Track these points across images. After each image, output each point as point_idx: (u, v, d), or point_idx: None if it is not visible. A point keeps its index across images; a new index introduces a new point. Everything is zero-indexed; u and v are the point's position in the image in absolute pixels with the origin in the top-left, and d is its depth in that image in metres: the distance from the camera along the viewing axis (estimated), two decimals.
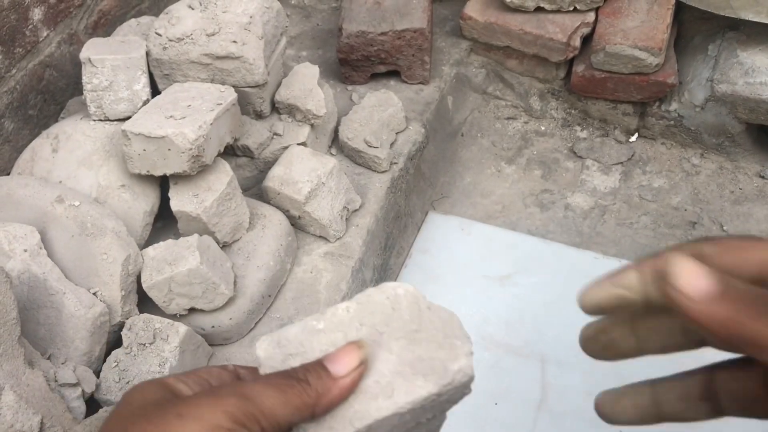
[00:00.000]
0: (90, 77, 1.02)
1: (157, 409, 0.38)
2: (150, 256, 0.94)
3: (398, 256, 1.29)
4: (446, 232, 1.34)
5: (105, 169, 1.01)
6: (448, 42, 1.50)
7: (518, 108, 1.53)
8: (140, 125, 0.93)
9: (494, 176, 1.44)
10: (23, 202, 0.95)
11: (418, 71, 1.38)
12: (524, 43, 1.42)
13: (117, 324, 0.92)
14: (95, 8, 1.26)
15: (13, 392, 0.71)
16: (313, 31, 1.57)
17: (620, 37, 1.32)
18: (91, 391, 0.84)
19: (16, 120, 1.14)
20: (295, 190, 1.07)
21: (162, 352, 0.88)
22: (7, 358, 0.73)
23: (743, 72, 1.29)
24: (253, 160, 1.16)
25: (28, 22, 1.12)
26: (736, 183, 1.39)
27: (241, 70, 1.07)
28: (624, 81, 1.37)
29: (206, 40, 1.05)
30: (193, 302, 0.94)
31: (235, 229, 1.03)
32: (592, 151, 1.46)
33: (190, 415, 0.36)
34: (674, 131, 1.43)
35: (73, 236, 0.92)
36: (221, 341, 1.00)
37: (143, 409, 0.38)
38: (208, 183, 0.99)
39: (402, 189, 1.26)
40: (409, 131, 1.29)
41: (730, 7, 1.25)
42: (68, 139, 1.03)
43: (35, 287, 0.86)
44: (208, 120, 0.94)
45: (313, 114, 1.16)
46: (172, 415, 0.37)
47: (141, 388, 0.40)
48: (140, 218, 1.00)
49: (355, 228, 1.14)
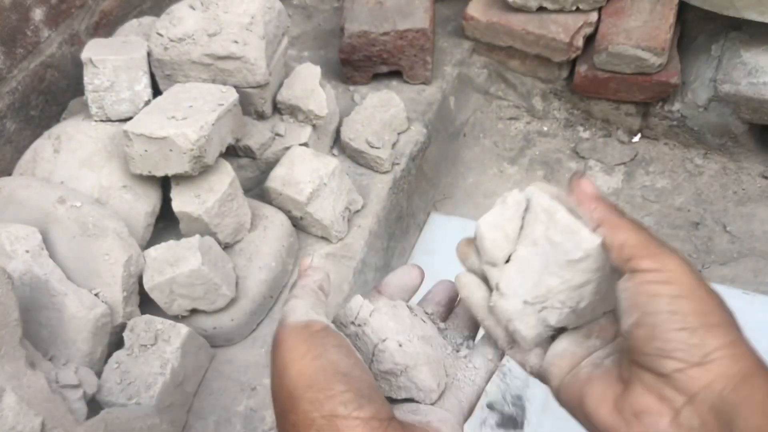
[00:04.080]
0: (91, 78, 1.02)
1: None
2: (152, 257, 0.93)
3: (400, 257, 1.29)
4: (448, 233, 1.33)
5: (107, 169, 1.00)
6: (451, 42, 1.50)
7: (520, 108, 1.53)
8: (142, 126, 0.93)
9: (497, 177, 1.44)
10: (25, 202, 0.95)
11: (420, 71, 1.38)
12: (527, 43, 1.41)
13: (118, 325, 0.92)
14: (96, 9, 1.26)
15: (15, 394, 0.71)
16: (315, 32, 1.57)
17: (623, 37, 1.32)
18: (92, 393, 0.84)
19: (17, 121, 1.14)
20: (297, 190, 1.07)
21: (164, 354, 0.88)
22: (9, 359, 0.73)
23: (746, 72, 1.28)
24: (255, 160, 1.16)
25: (29, 23, 1.12)
26: (739, 183, 1.39)
27: (243, 71, 1.06)
28: (627, 81, 1.37)
29: (207, 41, 1.04)
30: (195, 303, 0.94)
31: (236, 230, 1.03)
32: (595, 152, 1.45)
33: None
34: (677, 131, 1.42)
35: (74, 237, 0.92)
36: (223, 342, 1.00)
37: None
38: (210, 184, 0.98)
39: (404, 190, 1.26)
40: (411, 131, 1.29)
41: (734, 7, 1.25)
42: (70, 140, 1.03)
43: (37, 288, 0.86)
44: (209, 120, 0.94)
45: (314, 114, 1.15)
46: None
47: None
48: (142, 219, 1.00)
49: (357, 229, 1.14)
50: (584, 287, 0.46)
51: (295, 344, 0.43)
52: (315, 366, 0.41)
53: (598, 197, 0.45)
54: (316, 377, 0.41)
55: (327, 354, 0.42)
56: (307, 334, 0.43)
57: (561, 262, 0.46)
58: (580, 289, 0.46)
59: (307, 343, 0.43)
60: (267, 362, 0.98)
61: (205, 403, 0.94)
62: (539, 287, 0.47)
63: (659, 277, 0.40)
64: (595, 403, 0.43)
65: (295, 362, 0.42)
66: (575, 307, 0.47)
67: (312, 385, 0.41)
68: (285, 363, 0.42)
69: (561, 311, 0.47)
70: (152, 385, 0.86)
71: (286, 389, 0.42)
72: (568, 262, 0.45)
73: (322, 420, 0.40)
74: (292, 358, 0.42)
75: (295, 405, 0.41)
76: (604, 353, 0.46)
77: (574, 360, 0.47)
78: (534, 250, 0.48)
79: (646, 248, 0.41)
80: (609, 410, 0.42)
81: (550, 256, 0.47)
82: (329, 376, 0.41)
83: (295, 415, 0.41)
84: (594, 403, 0.43)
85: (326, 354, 0.42)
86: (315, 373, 0.41)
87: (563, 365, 0.47)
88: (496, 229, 0.49)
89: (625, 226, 0.43)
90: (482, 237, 0.50)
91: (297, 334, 0.43)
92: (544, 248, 0.47)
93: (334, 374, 0.41)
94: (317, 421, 0.40)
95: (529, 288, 0.48)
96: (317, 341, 0.43)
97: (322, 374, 0.41)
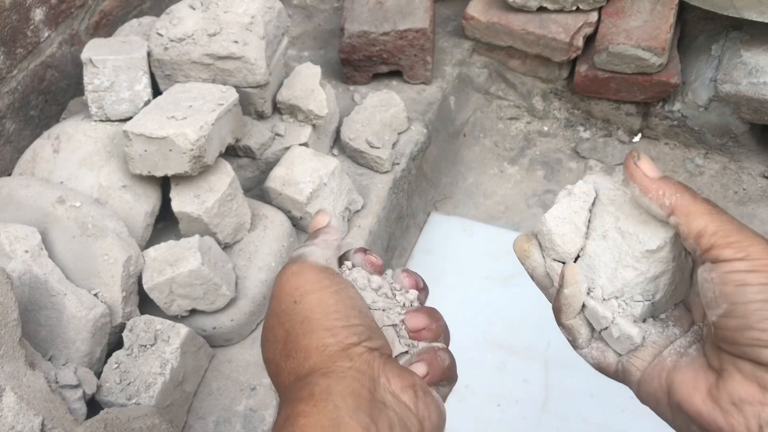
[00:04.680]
0: (91, 78, 1.02)
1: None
2: (151, 257, 0.93)
3: (400, 257, 1.28)
4: (449, 233, 1.33)
5: (106, 169, 1.00)
6: (451, 42, 1.50)
7: (521, 108, 1.53)
8: (141, 126, 0.93)
9: (497, 177, 1.44)
10: (24, 202, 0.95)
11: (421, 71, 1.38)
12: (527, 43, 1.41)
13: (118, 325, 0.92)
14: (96, 9, 1.26)
15: (14, 393, 0.71)
16: (315, 32, 1.57)
17: (623, 37, 1.32)
18: (92, 393, 0.84)
19: (17, 120, 1.14)
20: (297, 190, 1.07)
21: (163, 354, 0.88)
22: (8, 359, 0.73)
23: (747, 72, 1.28)
24: (255, 160, 1.16)
25: (29, 23, 1.12)
26: (739, 183, 1.39)
27: (243, 71, 1.06)
28: (627, 81, 1.36)
29: (207, 41, 1.04)
30: (195, 303, 0.94)
31: (236, 230, 1.03)
32: (595, 152, 1.45)
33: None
34: (677, 131, 1.42)
35: (74, 237, 0.92)
36: (222, 342, 1.00)
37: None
38: (210, 184, 0.98)
39: (404, 189, 1.26)
40: (411, 131, 1.29)
41: (734, 6, 1.25)
42: (69, 140, 1.03)
43: (36, 288, 0.86)
44: (209, 120, 0.94)
45: (314, 114, 1.15)
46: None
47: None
48: (141, 219, 1.00)
49: (357, 229, 1.14)
50: (660, 278, 0.45)
51: (317, 277, 0.46)
52: (335, 298, 0.45)
53: (663, 179, 0.43)
54: (336, 307, 0.44)
55: (346, 290, 0.46)
56: (329, 272, 0.47)
57: (636, 253, 0.44)
58: (656, 281, 0.45)
59: (329, 279, 0.46)
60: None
61: (205, 403, 0.94)
62: (615, 282, 0.46)
63: (745, 266, 0.39)
64: (688, 391, 0.42)
65: (316, 291, 0.45)
66: (652, 300, 0.45)
67: (330, 314, 0.44)
68: (304, 290, 0.45)
69: (643, 304, 0.45)
70: (152, 385, 0.86)
71: (300, 315, 0.44)
72: (644, 253, 0.44)
73: (335, 346, 0.43)
74: (312, 288, 0.45)
75: (309, 329, 0.44)
76: (686, 342, 0.45)
77: (655, 350, 0.46)
78: (604, 243, 0.46)
79: (726, 236, 0.40)
80: (703, 399, 0.41)
81: (622, 249, 0.45)
82: (348, 308, 0.44)
83: (307, 340, 0.44)
84: (686, 391, 0.42)
85: (346, 290, 0.46)
86: (335, 303, 0.44)
87: (645, 356, 0.46)
88: (565, 223, 0.47)
89: (701, 212, 0.41)
90: (550, 232, 0.47)
91: (318, 270, 0.46)
92: (615, 240, 0.45)
93: (352, 308, 0.45)
94: (330, 348, 0.43)
95: (604, 283, 0.46)
96: (338, 279, 0.46)
97: (342, 305, 0.44)
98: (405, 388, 0.43)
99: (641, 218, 0.44)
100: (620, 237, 0.45)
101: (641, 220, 0.44)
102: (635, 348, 0.46)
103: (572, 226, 0.47)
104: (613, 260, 0.46)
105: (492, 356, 1.15)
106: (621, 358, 0.48)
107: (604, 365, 0.49)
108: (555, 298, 0.49)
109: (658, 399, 0.45)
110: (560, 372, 1.12)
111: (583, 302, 0.47)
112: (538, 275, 0.51)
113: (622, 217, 0.45)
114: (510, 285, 1.23)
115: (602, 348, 0.49)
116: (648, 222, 0.44)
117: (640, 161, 0.44)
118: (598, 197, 0.47)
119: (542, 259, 0.49)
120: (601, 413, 1.07)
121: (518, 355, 1.15)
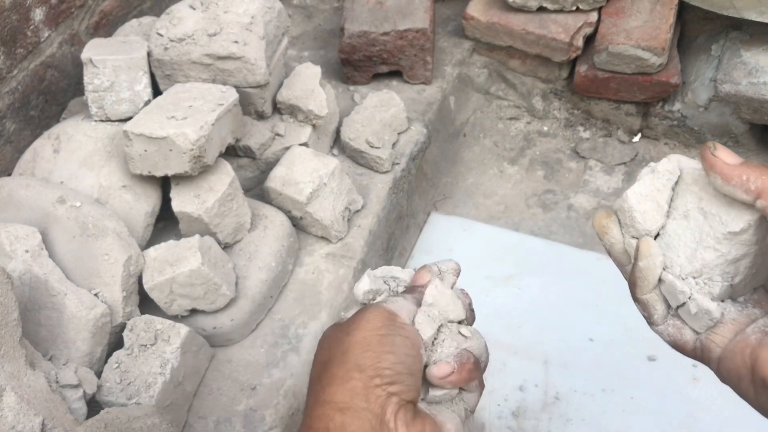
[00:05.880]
0: (91, 78, 1.02)
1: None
2: (151, 257, 0.93)
3: (400, 257, 1.28)
4: (449, 233, 1.33)
5: (106, 169, 1.00)
6: (451, 42, 1.50)
7: (521, 108, 1.53)
8: (142, 126, 0.93)
9: (497, 177, 1.44)
10: (25, 202, 0.95)
11: (420, 71, 1.38)
12: (527, 43, 1.41)
13: (118, 325, 0.92)
14: (96, 9, 1.26)
15: (15, 393, 0.71)
16: (315, 32, 1.57)
17: (623, 37, 1.32)
18: (92, 393, 0.84)
19: (17, 120, 1.14)
20: (297, 190, 1.07)
21: (163, 354, 0.88)
22: (9, 359, 0.73)
23: (747, 72, 1.28)
24: (255, 160, 1.16)
25: (29, 23, 1.12)
26: None
27: (243, 71, 1.06)
28: (627, 81, 1.37)
29: (207, 41, 1.04)
30: (195, 303, 0.94)
31: (236, 230, 1.03)
32: (595, 152, 1.45)
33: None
34: (677, 131, 1.42)
35: (74, 237, 0.92)
36: (223, 342, 1.00)
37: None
38: (210, 183, 0.98)
39: (404, 189, 1.26)
40: (411, 131, 1.29)
41: (734, 7, 1.25)
42: (69, 140, 1.03)
43: (36, 288, 0.86)
44: (209, 120, 0.94)
45: (314, 114, 1.15)
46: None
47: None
48: (141, 219, 1.00)
49: (357, 229, 1.14)
50: (741, 261, 0.44)
51: (375, 319, 0.49)
52: (379, 340, 0.48)
53: (745, 164, 0.42)
54: (374, 348, 0.47)
55: (392, 337, 0.48)
56: (388, 319, 0.50)
57: (718, 235, 0.44)
58: (736, 263, 0.44)
59: (384, 324, 0.49)
60: (267, 362, 0.98)
61: (205, 403, 0.94)
62: (694, 262, 0.45)
63: None
64: None
65: (366, 330, 0.48)
66: (731, 282, 0.45)
67: (366, 353, 0.47)
68: (357, 327, 0.49)
69: (722, 284, 0.45)
70: (152, 384, 0.86)
71: (344, 346, 0.48)
72: (726, 235, 0.43)
73: (358, 382, 0.46)
74: (365, 327, 0.49)
75: (343, 361, 0.47)
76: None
77: (736, 326, 0.46)
78: (685, 223, 0.46)
79: None
80: None
81: (704, 229, 0.44)
82: (383, 353, 0.47)
83: (337, 369, 0.47)
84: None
85: (392, 337, 0.48)
86: (376, 345, 0.48)
87: (725, 333, 0.46)
88: (647, 200, 0.47)
89: None
90: (631, 209, 0.47)
91: (381, 315, 0.50)
92: (696, 221, 0.45)
93: (388, 354, 0.47)
94: (353, 381, 0.46)
95: (682, 263, 0.45)
96: (392, 327, 0.49)
97: (380, 348, 0.47)
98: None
99: (725, 200, 0.43)
100: (702, 217, 0.44)
101: (725, 201, 0.43)
102: (714, 324, 0.46)
103: (654, 203, 0.47)
104: (694, 240, 0.45)
105: (492, 356, 1.14)
106: (699, 336, 0.47)
107: (681, 342, 0.49)
108: (631, 272, 0.49)
109: (741, 376, 0.44)
110: (560, 372, 1.12)
111: (659, 277, 0.47)
112: (616, 251, 0.51)
113: (705, 197, 0.44)
114: (510, 285, 1.23)
115: (679, 325, 0.48)
116: (732, 204, 0.43)
117: (717, 150, 0.43)
118: (681, 176, 0.47)
119: (621, 235, 0.49)
120: (601, 413, 1.07)
121: (518, 354, 1.15)
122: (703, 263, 0.45)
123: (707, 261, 0.44)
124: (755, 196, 0.41)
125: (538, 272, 1.25)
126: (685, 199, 0.46)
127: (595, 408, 1.08)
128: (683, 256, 0.45)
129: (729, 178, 0.42)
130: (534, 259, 1.27)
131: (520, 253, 1.28)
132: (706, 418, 1.05)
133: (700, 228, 0.45)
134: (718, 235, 0.44)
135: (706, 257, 0.44)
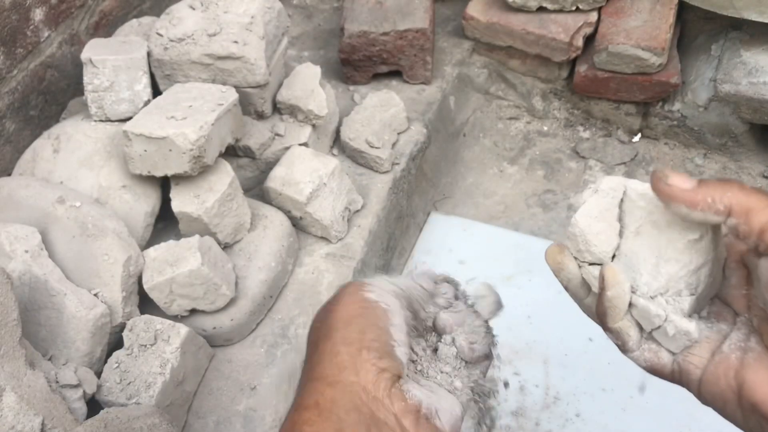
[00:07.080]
0: (91, 78, 1.02)
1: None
2: (151, 257, 0.93)
3: (400, 256, 1.28)
4: (448, 233, 1.33)
5: (106, 169, 1.00)
6: (450, 42, 1.50)
7: (521, 108, 1.53)
8: (141, 126, 0.93)
9: (496, 176, 1.44)
10: (24, 202, 0.95)
11: (420, 71, 1.38)
12: (527, 43, 1.41)
13: (118, 325, 0.92)
14: (96, 9, 1.26)
15: (15, 393, 0.71)
16: (315, 32, 1.57)
17: (623, 37, 1.32)
18: (92, 392, 0.84)
19: (17, 120, 1.14)
20: (297, 190, 1.07)
21: (163, 354, 0.88)
22: (8, 359, 0.73)
23: (747, 72, 1.28)
24: (255, 160, 1.16)
25: (29, 23, 1.12)
26: None
27: (243, 71, 1.06)
28: (627, 81, 1.36)
29: (207, 41, 1.04)
30: (195, 303, 0.94)
31: (236, 230, 1.03)
32: (595, 152, 1.45)
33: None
34: (677, 131, 1.42)
35: (74, 237, 0.92)
36: (222, 342, 1.00)
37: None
38: (210, 184, 0.98)
39: (404, 189, 1.26)
40: (411, 131, 1.29)
41: (733, 7, 1.25)
42: (69, 140, 1.03)
43: (36, 288, 0.86)
44: (209, 120, 0.94)
45: (314, 114, 1.15)
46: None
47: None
48: (141, 219, 1.00)
49: (356, 229, 1.14)
50: (701, 269, 0.43)
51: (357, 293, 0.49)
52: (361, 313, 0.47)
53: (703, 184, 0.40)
54: (356, 321, 0.47)
55: (375, 310, 0.48)
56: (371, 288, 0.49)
57: (678, 245, 0.42)
58: (697, 272, 0.43)
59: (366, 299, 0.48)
60: (266, 362, 0.98)
61: (205, 403, 0.94)
62: (658, 277, 0.43)
63: None
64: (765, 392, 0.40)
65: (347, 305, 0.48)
66: (695, 293, 0.44)
67: (350, 326, 0.47)
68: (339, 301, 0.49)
69: (690, 298, 0.43)
70: (152, 384, 0.86)
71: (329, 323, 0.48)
72: (687, 244, 0.42)
73: (345, 355, 0.45)
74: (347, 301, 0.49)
75: (330, 336, 0.47)
76: (742, 335, 0.43)
77: (712, 345, 0.44)
78: (640, 239, 0.44)
79: None
80: None
81: (660, 242, 0.43)
82: (368, 325, 0.47)
83: (325, 345, 0.47)
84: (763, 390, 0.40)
85: (374, 310, 0.48)
86: (357, 317, 0.47)
87: (702, 352, 0.44)
88: (598, 222, 0.45)
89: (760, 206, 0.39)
90: (584, 233, 0.45)
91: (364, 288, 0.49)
92: (650, 235, 0.44)
93: (372, 326, 0.47)
94: (341, 355, 0.45)
95: (647, 280, 0.44)
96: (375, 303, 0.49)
97: (363, 321, 0.47)
98: (406, 413, 0.44)
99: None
100: (657, 231, 0.43)
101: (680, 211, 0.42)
102: (691, 345, 0.44)
103: (605, 224, 0.45)
104: (653, 255, 0.44)
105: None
106: (676, 357, 0.46)
107: (658, 367, 0.47)
108: (598, 303, 0.47)
109: (726, 399, 0.43)
110: (560, 372, 1.12)
111: (629, 302, 0.45)
112: (573, 287, 0.50)
113: (655, 210, 0.43)
114: (510, 285, 1.23)
115: (655, 349, 0.46)
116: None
117: (671, 179, 0.41)
118: (626, 193, 0.45)
119: (577, 269, 0.47)
120: (601, 413, 1.07)
121: (518, 355, 1.15)
122: (668, 277, 0.43)
123: (672, 274, 0.43)
124: (725, 215, 0.40)
125: (538, 272, 1.25)
126: (634, 216, 0.44)
127: (595, 408, 1.08)
128: (646, 273, 0.44)
129: (694, 204, 0.40)
130: (534, 259, 1.27)
131: (520, 253, 1.28)
132: (706, 418, 1.05)
133: (657, 242, 0.43)
134: (679, 245, 0.43)
135: (669, 270, 0.43)
